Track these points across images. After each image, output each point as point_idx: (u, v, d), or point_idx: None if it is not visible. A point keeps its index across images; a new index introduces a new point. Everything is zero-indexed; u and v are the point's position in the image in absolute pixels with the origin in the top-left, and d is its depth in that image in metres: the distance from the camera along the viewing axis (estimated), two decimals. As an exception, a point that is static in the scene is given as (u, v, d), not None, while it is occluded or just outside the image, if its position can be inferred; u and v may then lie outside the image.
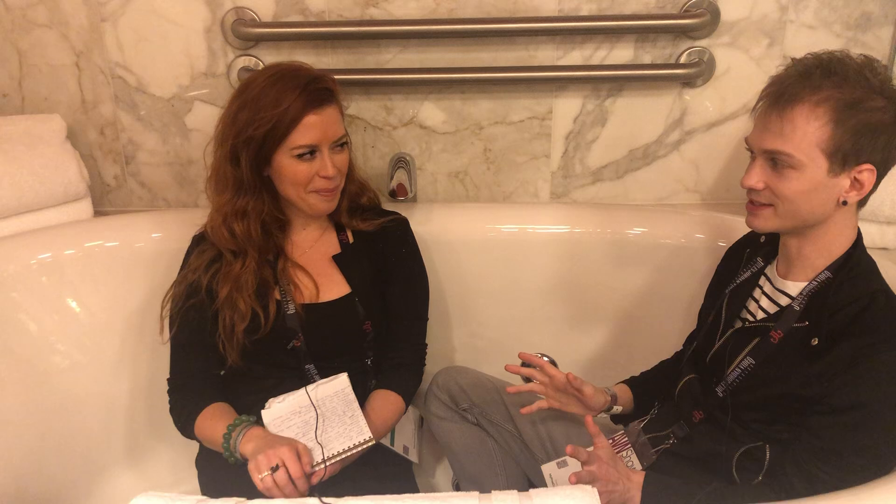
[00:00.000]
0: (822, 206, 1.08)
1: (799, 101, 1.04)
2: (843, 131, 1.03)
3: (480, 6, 1.67)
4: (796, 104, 1.05)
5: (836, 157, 1.04)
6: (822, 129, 1.03)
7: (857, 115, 1.02)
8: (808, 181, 1.06)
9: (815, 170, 1.05)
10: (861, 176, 1.05)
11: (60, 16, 1.70)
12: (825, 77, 1.04)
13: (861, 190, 1.06)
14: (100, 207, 1.86)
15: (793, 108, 1.05)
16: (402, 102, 1.76)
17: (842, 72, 1.03)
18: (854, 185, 1.06)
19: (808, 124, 1.04)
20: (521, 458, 1.48)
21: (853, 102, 1.02)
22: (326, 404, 1.25)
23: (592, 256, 1.70)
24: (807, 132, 1.04)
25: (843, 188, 1.06)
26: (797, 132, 1.04)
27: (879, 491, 0.99)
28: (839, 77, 1.03)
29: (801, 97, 1.04)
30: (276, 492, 1.10)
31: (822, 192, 1.07)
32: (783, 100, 1.06)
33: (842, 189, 1.06)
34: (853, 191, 1.07)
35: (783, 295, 1.16)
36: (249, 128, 1.25)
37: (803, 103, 1.04)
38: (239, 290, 1.32)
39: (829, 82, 1.03)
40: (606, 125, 1.76)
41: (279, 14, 1.69)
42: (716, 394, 1.20)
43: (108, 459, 1.69)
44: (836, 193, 1.07)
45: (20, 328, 1.58)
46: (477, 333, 1.78)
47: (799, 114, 1.04)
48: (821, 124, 1.03)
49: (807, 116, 1.04)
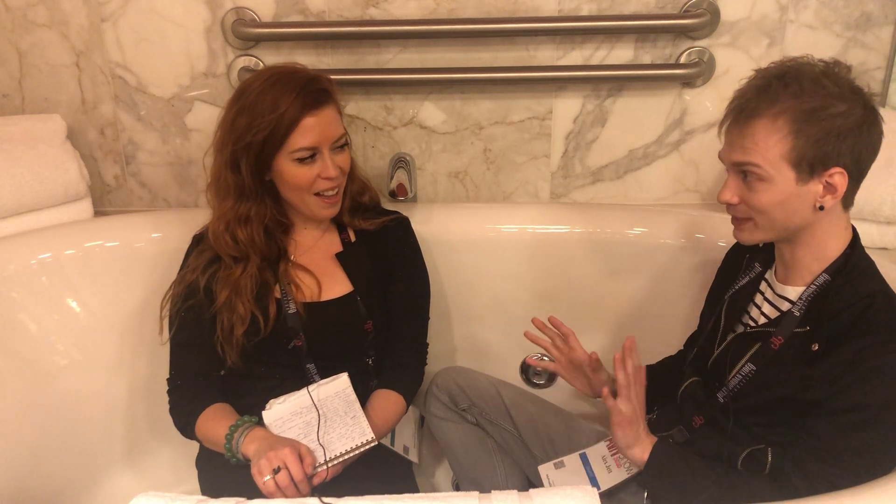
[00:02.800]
0: (799, 213, 1.08)
1: (758, 116, 1.05)
2: (805, 141, 1.03)
3: (480, 6, 1.67)
4: (755, 118, 1.05)
5: (801, 166, 1.04)
6: (782, 141, 1.04)
7: (818, 123, 1.02)
8: (779, 192, 1.06)
9: (783, 180, 1.05)
10: (832, 180, 1.05)
11: (60, 16, 1.70)
12: (782, 88, 1.04)
13: (835, 193, 1.06)
14: (100, 207, 1.86)
15: (752, 122, 1.05)
16: (402, 102, 1.76)
17: (798, 81, 1.03)
18: (828, 189, 1.06)
19: (768, 138, 1.04)
20: (520, 458, 1.48)
21: (811, 111, 1.02)
22: (328, 405, 1.25)
23: (592, 256, 1.70)
24: (768, 145, 1.04)
25: (816, 194, 1.06)
26: (759, 146, 1.05)
27: (879, 491, 0.99)
28: (796, 87, 1.03)
29: (759, 111, 1.05)
30: (278, 494, 1.10)
31: (795, 201, 1.07)
32: (744, 115, 1.07)
33: (815, 195, 1.06)
34: (828, 195, 1.06)
35: (784, 300, 1.16)
36: (248, 134, 1.25)
37: (762, 117, 1.05)
38: (238, 294, 1.31)
39: (787, 93, 1.03)
40: (606, 125, 1.76)
41: (279, 14, 1.69)
42: (717, 399, 1.20)
43: (108, 459, 1.69)
44: (811, 200, 1.07)
45: (20, 328, 1.58)
46: (477, 333, 1.78)
47: (759, 128, 1.05)
48: (780, 136, 1.04)
49: (767, 130, 1.04)
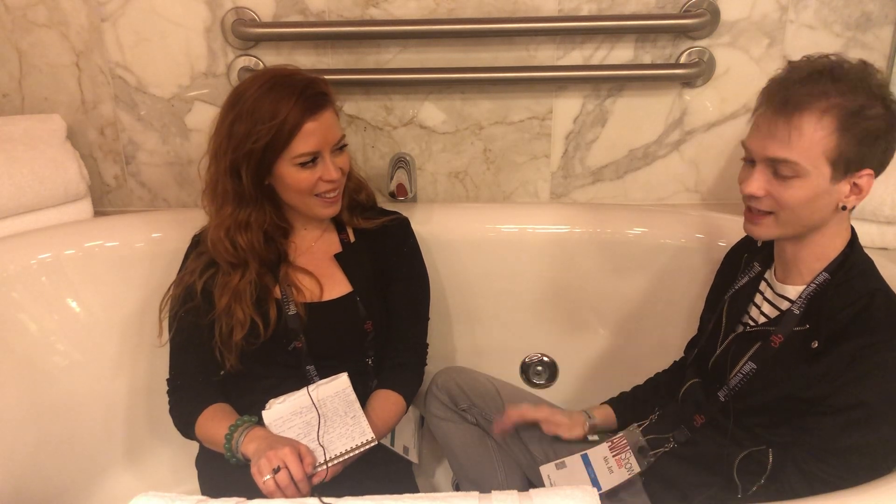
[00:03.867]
0: (822, 211, 1.08)
1: (807, 109, 1.03)
2: (848, 139, 1.02)
3: (480, 6, 1.67)
4: (804, 111, 1.03)
5: (839, 165, 1.03)
6: (828, 137, 1.02)
7: (861, 122, 1.02)
8: (811, 189, 1.05)
9: (818, 177, 1.04)
10: (861, 181, 1.05)
11: (60, 16, 1.70)
12: (831, 83, 1.02)
13: (860, 195, 1.06)
14: (100, 207, 1.86)
15: (801, 115, 1.03)
16: (402, 102, 1.76)
17: (846, 78, 1.03)
18: (853, 190, 1.06)
19: (815, 133, 1.02)
20: (520, 458, 1.48)
21: (857, 110, 1.01)
22: (328, 405, 1.25)
23: (592, 256, 1.70)
24: (814, 140, 1.03)
25: (843, 194, 1.06)
26: (804, 140, 1.03)
27: (879, 491, 0.99)
28: (844, 84, 1.02)
29: (808, 104, 1.03)
30: (278, 493, 1.10)
31: (823, 199, 1.06)
32: (790, 106, 1.04)
33: (842, 194, 1.06)
34: (852, 195, 1.06)
35: (783, 299, 1.16)
36: (248, 141, 1.24)
37: (811, 111, 1.02)
38: (238, 300, 1.31)
39: (836, 89, 1.02)
40: (606, 125, 1.76)
41: (279, 14, 1.69)
42: (718, 398, 1.20)
43: (108, 459, 1.69)
44: (836, 199, 1.06)
45: (20, 328, 1.58)
46: (477, 333, 1.78)
47: (807, 122, 1.03)
48: (827, 133, 1.02)
49: (814, 125, 1.02)
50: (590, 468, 1.34)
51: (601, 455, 1.35)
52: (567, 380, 1.78)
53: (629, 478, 1.28)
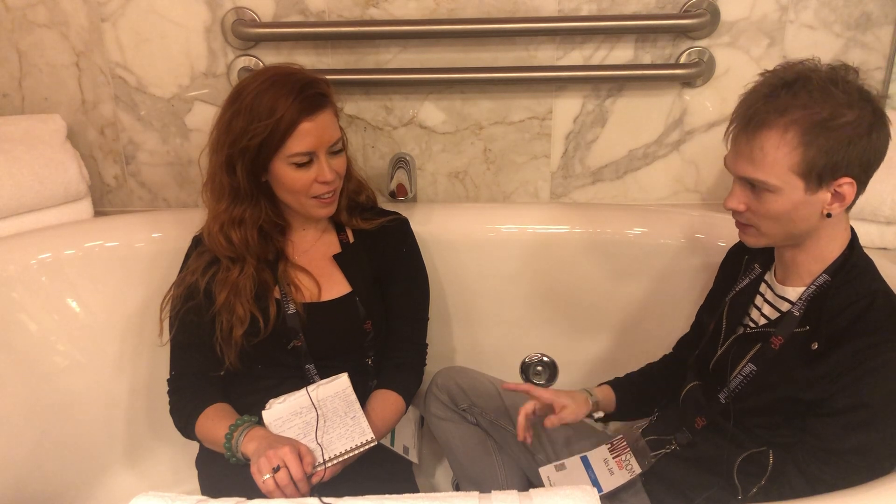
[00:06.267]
0: (806, 220, 1.07)
1: (766, 126, 1.02)
2: (815, 152, 1.01)
3: (480, 6, 1.67)
4: (763, 129, 1.03)
5: (810, 177, 1.03)
6: (792, 153, 1.02)
7: (827, 133, 1.00)
8: (787, 202, 1.05)
9: (791, 191, 1.04)
10: (841, 189, 1.04)
11: (60, 16, 1.70)
12: (791, 98, 1.01)
13: (843, 202, 1.05)
14: (100, 207, 1.86)
15: (761, 133, 1.03)
16: (402, 102, 1.76)
17: (806, 90, 1.01)
18: (836, 198, 1.05)
19: (777, 150, 1.02)
20: (520, 458, 1.48)
21: (821, 122, 1.00)
22: (327, 405, 1.25)
23: (592, 256, 1.70)
24: (777, 158, 1.02)
25: (824, 202, 1.05)
26: (767, 158, 1.03)
27: (879, 491, 0.99)
28: (805, 96, 1.01)
29: (768, 122, 1.02)
30: (277, 493, 1.10)
31: (803, 209, 1.06)
32: (752, 125, 1.04)
33: (824, 202, 1.05)
34: (835, 203, 1.05)
35: (784, 301, 1.16)
36: (244, 138, 1.24)
37: (771, 129, 1.02)
38: (237, 295, 1.31)
39: (796, 103, 1.01)
40: (606, 125, 1.76)
41: (279, 14, 1.69)
42: (718, 400, 1.20)
43: (108, 459, 1.69)
44: (819, 207, 1.06)
45: (20, 328, 1.58)
46: (477, 333, 1.78)
47: (767, 139, 1.03)
48: (790, 149, 1.02)
49: (776, 142, 1.02)
50: (590, 470, 1.34)
51: (601, 457, 1.35)
52: (567, 380, 1.78)
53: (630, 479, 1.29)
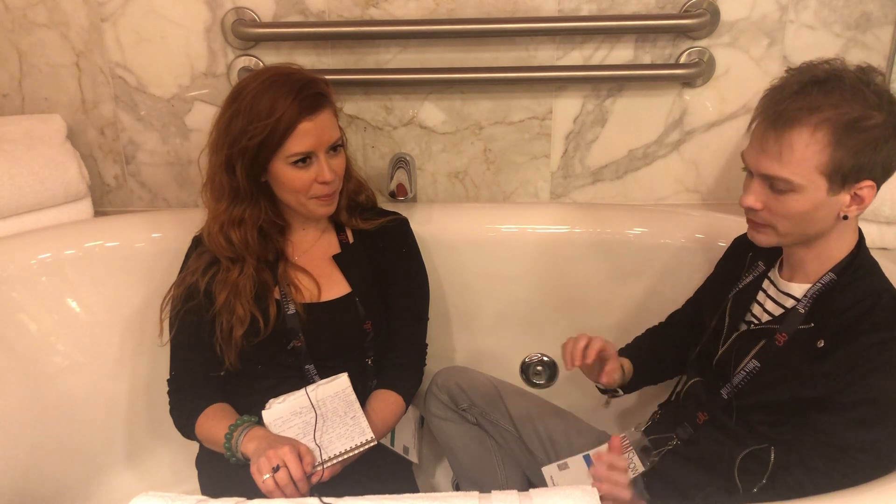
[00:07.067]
0: (823, 221, 1.07)
1: (797, 124, 1.01)
2: (843, 153, 1.00)
3: (480, 6, 1.67)
4: (794, 127, 1.01)
5: (835, 178, 1.02)
6: (821, 152, 1.01)
7: (856, 135, 1.00)
8: (808, 202, 1.04)
9: (814, 191, 1.03)
10: (861, 192, 1.04)
11: (60, 16, 1.70)
12: (823, 95, 1.00)
13: (861, 205, 1.05)
14: (100, 207, 1.86)
15: (790, 131, 1.02)
16: (402, 102, 1.76)
17: (839, 89, 1.00)
18: (854, 200, 1.05)
19: (806, 149, 1.01)
20: (520, 458, 1.48)
21: (852, 122, 0.99)
22: (327, 405, 1.25)
23: (592, 256, 1.70)
24: (805, 156, 1.01)
25: (843, 204, 1.05)
26: (795, 156, 1.02)
27: (879, 491, 0.99)
28: (837, 95, 1.00)
29: (799, 119, 1.01)
30: (277, 492, 1.10)
31: (821, 210, 1.05)
32: (780, 122, 1.02)
33: (842, 205, 1.05)
34: (854, 205, 1.05)
35: (788, 297, 1.16)
36: (243, 138, 1.24)
37: (802, 126, 1.01)
38: (237, 295, 1.31)
39: (828, 101, 1.00)
40: (606, 125, 1.76)
41: (279, 14, 1.69)
42: (720, 396, 1.20)
43: (108, 459, 1.69)
44: (837, 209, 1.05)
45: (20, 328, 1.58)
46: (477, 333, 1.78)
47: (798, 138, 1.01)
48: (820, 148, 1.01)
49: (806, 141, 1.01)
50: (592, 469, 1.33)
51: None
52: (567, 380, 1.78)
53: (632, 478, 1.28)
